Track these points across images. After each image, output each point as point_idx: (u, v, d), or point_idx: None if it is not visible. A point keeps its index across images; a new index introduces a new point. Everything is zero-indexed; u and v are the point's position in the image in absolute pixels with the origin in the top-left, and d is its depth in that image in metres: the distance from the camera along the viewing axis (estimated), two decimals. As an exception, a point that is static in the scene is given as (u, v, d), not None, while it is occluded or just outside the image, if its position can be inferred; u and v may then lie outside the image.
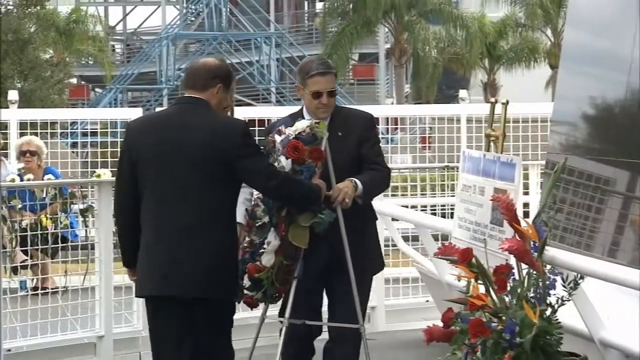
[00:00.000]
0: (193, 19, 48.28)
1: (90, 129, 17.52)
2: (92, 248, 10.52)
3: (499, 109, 8.39)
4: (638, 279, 6.28)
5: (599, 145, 9.01)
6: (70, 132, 18.10)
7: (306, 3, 52.90)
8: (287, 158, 6.39)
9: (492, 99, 8.85)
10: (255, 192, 6.71)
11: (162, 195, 6.00)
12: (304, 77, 6.85)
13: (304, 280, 6.59)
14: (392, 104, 38.02)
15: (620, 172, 8.44)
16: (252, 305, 6.62)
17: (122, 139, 6.46)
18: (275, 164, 6.44)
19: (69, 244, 11.61)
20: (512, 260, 7.07)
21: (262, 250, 6.41)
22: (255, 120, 16.09)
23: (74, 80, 45.14)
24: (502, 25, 44.78)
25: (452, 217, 7.79)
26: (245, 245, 6.49)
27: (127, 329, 10.36)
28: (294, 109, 7.24)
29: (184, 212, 5.94)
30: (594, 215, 8.68)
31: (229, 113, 6.62)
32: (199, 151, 5.94)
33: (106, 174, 11.35)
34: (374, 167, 6.92)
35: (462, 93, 20.92)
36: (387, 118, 17.70)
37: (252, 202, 6.64)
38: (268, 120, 16.55)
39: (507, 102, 8.54)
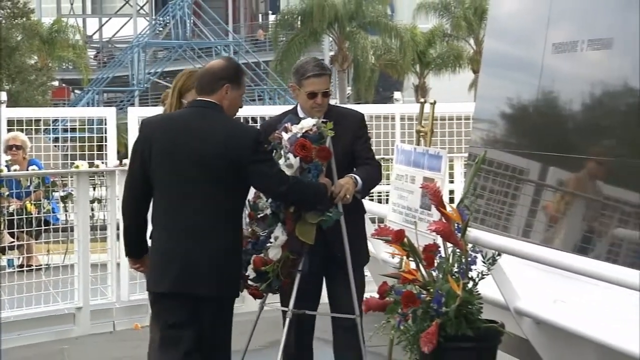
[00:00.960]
0: (161, 29, 48.08)
1: (70, 125, 17.33)
2: (72, 230, 10.54)
3: (427, 108, 8.42)
4: (548, 256, 6.31)
5: (515, 140, 9.05)
6: (52, 128, 17.98)
7: (260, 15, 52.81)
8: (295, 156, 6.05)
9: (422, 100, 8.88)
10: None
11: (173, 196, 5.64)
12: (299, 78, 6.50)
13: (308, 272, 6.34)
14: (336, 104, 38.04)
15: (533, 164, 8.48)
16: (257, 296, 6.29)
17: (137, 136, 5.91)
18: (281, 160, 6.11)
19: (51, 226, 11.55)
20: (439, 240, 7.09)
21: (269, 244, 6.07)
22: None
23: (55, 83, 45.04)
24: (431, 35, 44.88)
25: (387, 203, 7.79)
26: (248, 235, 6.15)
27: (102, 301, 10.37)
28: (253, 109, 7.04)
29: (194, 214, 5.58)
30: (510, 201, 8.71)
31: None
32: (210, 155, 5.56)
33: (83, 165, 11.27)
34: (368, 162, 6.65)
35: (396, 94, 20.96)
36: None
37: (254, 194, 6.28)
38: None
39: (435, 102, 8.57)
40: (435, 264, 6.82)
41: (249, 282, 6.10)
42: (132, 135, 15.25)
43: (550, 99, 8.61)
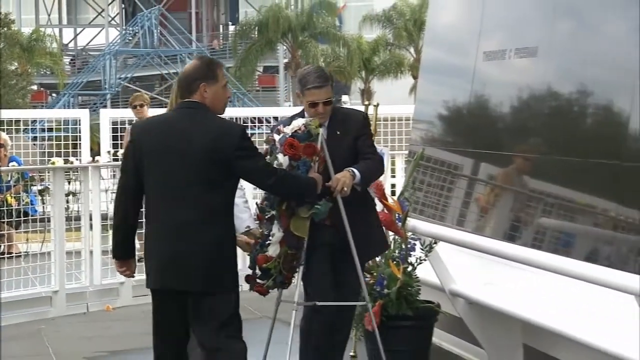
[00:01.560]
0: (130, 38, 47.82)
1: (47, 126, 17.26)
2: (48, 221, 10.51)
3: (371, 110, 8.43)
4: (480, 243, 6.33)
5: (450, 139, 9.07)
6: (31, 128, 17.93)
7: (221, 26, 52.67)
8: (284, 155, 5.84)
9: (367, 102, 8.89)
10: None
11: (163, 195, 5.35)
12: (302, 87, 6.27)
13: (316, 264, 6.17)
14: (290, 106, 37.94)
15: (466, 160, 8.51)
16: (263, 293, 6.03)
17: (128, 140, 5.56)
18: (275, 161, 5.91)
19: (30, 217, 11.49)
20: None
21: (268, 241, 5.88)
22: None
23: (34, 87, 44.72)
24: (375, 45, 44.93)
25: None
26: (258, 236, 5.99)
27: (76, 285, 10.34)
28: None
29: (184, 210, 5.28)
30: (446, 194, 8.73)
31: None
32: (199, 153, 5.28)
33: (59, 162, 11.25)
34: (368, 157, 6.37)
35: (344, 98, 20.95)
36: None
37: (261, 198, 6.10)
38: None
39: (378, 105, 8.61)
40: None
41: (257, 280, 5.91)
42: (104, 134, 15.23)
43: (482, 102, 8.64)
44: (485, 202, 8.33)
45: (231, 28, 51.20)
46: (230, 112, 25.22)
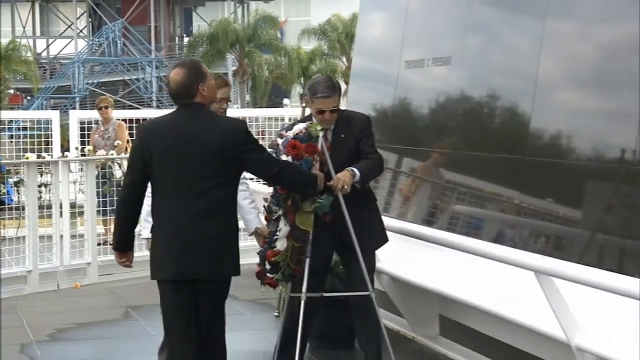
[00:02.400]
0: (97, 48, 47.28)
1: (22, 125, 17.07)
2: (23, 209, 10.37)
3: (308, 111, 8.44)
4: (403, 226, 6.34)
5: (377, 137, 9.05)
6: (8, 127, 17.70)
7: (177, 38, 52.36)
8: (287, 155, 5.55)
9: (304, 105, 8.91)
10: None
11: (172, 191, 5.02)
12: (311, 95, 5.93)
13: (316, 260, 5.81)
14: (237, 108, 37.84)
15: (391, 155, 8.54)
16: (274, 285, 5.77)
17: (136, 141, 5.24)
18: None
19: (6, 206, 11.34)
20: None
21: (276, 236, 5.64)
22: (140, 119, 15.90)
23: (11, 91, 44.21)
24: (312, 54, 44.89)
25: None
26: (266, 236, 5.77)
27: (48, 266, 10.23)
28: (168, 111, 6.51)
29: (193, 204, 4.97)
30: (373, 184, 8.75)
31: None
32: (207, 149, 4.99)
33: (33, 157, 11.09)
34: (369, 157, 6.06)
35: (285, 101, 21.01)
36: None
37: (268, 199, 5.81)
38: (150, 119, 16.39)
39: (313, 107, 8.60)
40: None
41: (267, 274, 5.68)
42: (73, 132, 15.09)
43: (404, 105, 8.68)
44: (407, 191, 8.38)
45: (186, 39, 50.87)
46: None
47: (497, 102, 7.37)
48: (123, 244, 5.30)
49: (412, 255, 6.31)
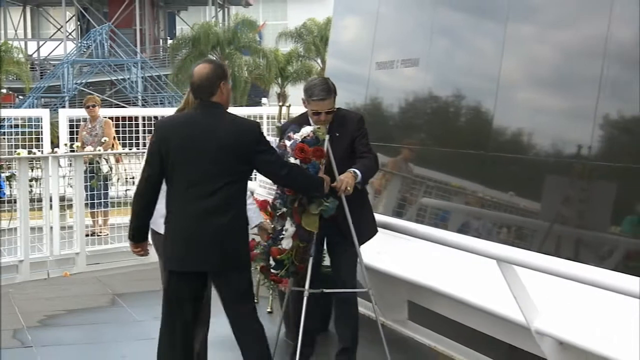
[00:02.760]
0: (85, 49, 47.02)
1: (14, 123, 16.95)
2: (15, 202, 10.32)
3: (285, 110, 8.43)
4: (377, 219, 6.33)
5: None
6: (1, 125, 17.54)
7: (161, 40, 52.15)
8: (295, 159, 5.48)
9: (280, 104, 8.90)
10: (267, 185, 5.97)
11: (187, 185, 4.94)
12: (307, 97, 5.82)
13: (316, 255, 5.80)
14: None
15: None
16: (278, 282, 5.72)
17: (154, 137, 5.10)
18: None
19: (-1, 200, 11.32)
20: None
21: (282, 236, 5.59)
22: (126, 117, 15.84)
23: (3, 91, 43.94)
24: (289, 56, 44.89)
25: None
26: (270, 232, 5.70)
27: (39, 255, 10.18)
28: (155, 110, 6.49)
29: (206, 199, 4.90)
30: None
31: None
32: (221, 147, 4.93)
33: (24, 153, 11.05)
34: (365, 155, 5.92)
35: (264, 100, 20.92)
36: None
37: (273, 197, 5.77)
38: (135, 117, 16.31)
39: (290, 106, 8.61)
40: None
41: (271, 270, 5.64)
42: (62, 130, 15.01)
43: (375, 104, 8.69)
44: (378, 185, 8.38)
45: (169, 42, 50.68)
46: (169, 112, 25.06)
47: (462, 101, 7.38)
48: (138, 235, 5.22)
49: (383, 245, 6.31)
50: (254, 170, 5.21)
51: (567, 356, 5.18)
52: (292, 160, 5.53)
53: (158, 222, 5.37)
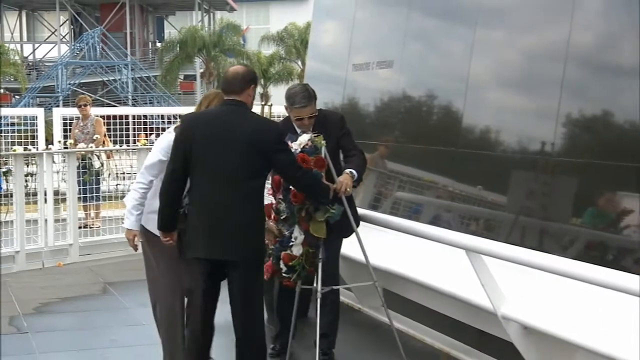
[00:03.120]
0: (78, 52, 46.75)
1: (11, 121, 16.86)
2: (11, 196, 10.28)
3: (267, 109, 8.41)
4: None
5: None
6: (-1, 123, 17.49)
7: (150, 43, 51.93)
8: None
9: (262, 103, 8.88)
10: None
11: (208, 178, 4.89)
12: (289, 104, 5.74)
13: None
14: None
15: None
16: (291, 286, 5.69)
17: (179, 130, 5.04)
18: None
19: (-4, 193, 11.24)
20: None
21: (292, 243, 5.55)
22: (117, 115, 15.79)
23: (1, 91, 43.67)
24: (271, 58, 44.76)
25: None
26: (277, 235, 5.63)
27: (34, 247, 10.15)
28: (141, 109, 6.42)
29: (227, 192, 4.86)
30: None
31: None
32: (244, 144, 4.86)
33: (20, 149, 10.98)
34: (354, 154, 5.88)
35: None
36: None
37: (276, 201, 5.65)
38: (126, 115, 16.26)
39: (271, 105, 8.60)
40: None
41: (283, 275, 5.60)
42: (56, 128, 14.95)
43: (352, 103, 8.68)
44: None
45: (158, 45, 50.49)
46: (157, 111, 24.98)
47: (434, 101, 7.39)
48: (167, 225, 5.15)
49: (361, 236, 6.31)
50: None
51: (531, 340, 5.21)
52: None
53: (147, 217, 5.36)
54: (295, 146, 5.48)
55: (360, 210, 6.50)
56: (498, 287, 5.30)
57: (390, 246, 6.45)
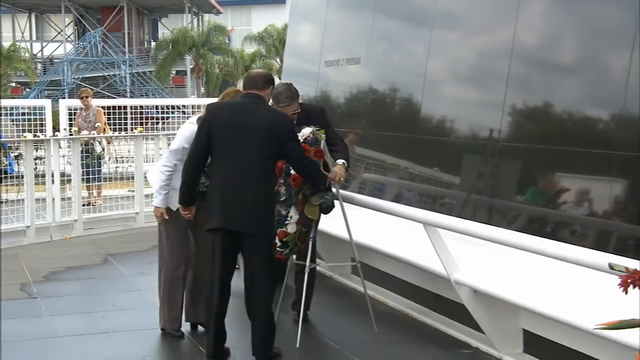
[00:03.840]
0: (81, 50, 46.19)
1: (22, 111, 16.71)
2: (22, 177, 10.20)
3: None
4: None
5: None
6: (10, 113, 17.26)
7: (145, 42, 51.45)
8: None
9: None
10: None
11: (227, 158, 4.87)
12: (275, 104, 5.62)
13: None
14: (194, 98, 37.49)
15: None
16: (283, 259, 5.69)
17: (204, 116, 4.72)
18: None
19: (9, 175, 11.12)
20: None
21: (287, 221, 5.54)
22: (116, 106, 15.67)
23: (13, 84, 43.19)
24: (253, 56, 44.44)
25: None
26: (275, 215, 5.57)
27: (42, 222, 10.08)
28: (137, 100, 6.33)
29: (243, 173, 4.84)
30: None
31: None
32: (262, 132, 4.84)
33: (30, 136, 10.90)
34: (337, 142, 5.83)
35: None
36: (193, 105, 18.04)
37: (277, 185, 5.53)
38: (124, 106, 16.15)
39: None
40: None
41: (277, 249, 5.57)
42: (62, 117, 14.81)
43: (325, 95, 8.68)
44: (328, 163, 8.39)
45: (153, 43, 50.05)
46: (152, 102, 24.80)
47: (396, 94, 7.40)
48: (187, 200, 5.19)
49: (333, 213, 6.33)
50: None
51: (479, 301, 5.26)
52: None
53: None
54: (299, 137, 5.46)
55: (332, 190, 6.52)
56: (451, 256, 5.33)
57: (358, 221, 6.47)
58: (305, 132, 5.56)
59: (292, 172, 5.52)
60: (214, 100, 6.08)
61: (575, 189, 4.96)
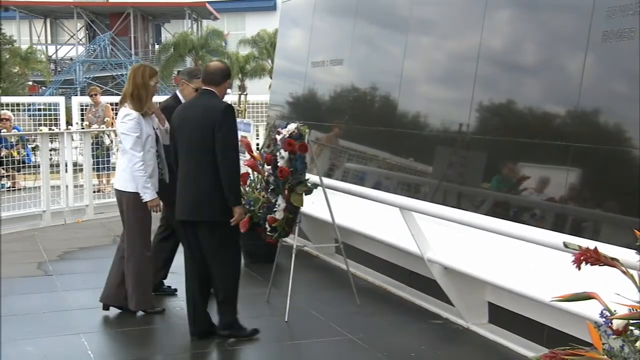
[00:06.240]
0: (92, 52, 45.94)
1: (38, 107, 16.61)
2: (38, 167, 10.20)
3: (243, 98, 8.33)
4: (310, 178, 6.33)
5: (293, 115, 9.04)
6: (27, 109, 17.13)
7: (150, 45, 51.15)
8: (285, 151, 5.39)
9: (239, 93, 8.80)
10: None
11: (182, 152, 4.82)
12: (192, 78, 5.73)
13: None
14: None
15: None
16: (274, 243, 5.74)
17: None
18: (278, 154, 5.47)
19: (26, 165, 11.10)
20: (250, 170, 7.07)
21: (275, 209, 5.53)
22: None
23: (30, 83, 42.88)
24: (247, 58, 44.24)
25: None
26: (265, 200, 5.68)
27: (57, 207, 10.07)
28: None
29: (192, 164, 4.75)
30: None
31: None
32: (200, 123, 4.69)
33: (45, 129, 10.85)
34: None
35: (228, 90, 20.67)
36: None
37: (266, 174, 5.64)
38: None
39: (247, 94, 8.51)
40: (248, 183, 6.81)
41: (268, 234, 5.60)
42: (75, 112, 14.75)
43: (312, 93, 8.66)
44: (315, 154, 8.38)
45: (156, 46, 49.80)
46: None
47: (376, 92, 7.39)
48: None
49: (316, 198, 6.34)
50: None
51: (449, 277, 5.28)
52: (282, 151, 5.40)
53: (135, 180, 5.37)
54: (284, 132, 5.43)
55: (315, 178, 6.53)
56: (425, 237, 5.35)
57: (342, 206, 6.47)
58: (291, 127, 5.50)
59: (279, 163, 5.51)
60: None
61: (535, 177, 4.98)
